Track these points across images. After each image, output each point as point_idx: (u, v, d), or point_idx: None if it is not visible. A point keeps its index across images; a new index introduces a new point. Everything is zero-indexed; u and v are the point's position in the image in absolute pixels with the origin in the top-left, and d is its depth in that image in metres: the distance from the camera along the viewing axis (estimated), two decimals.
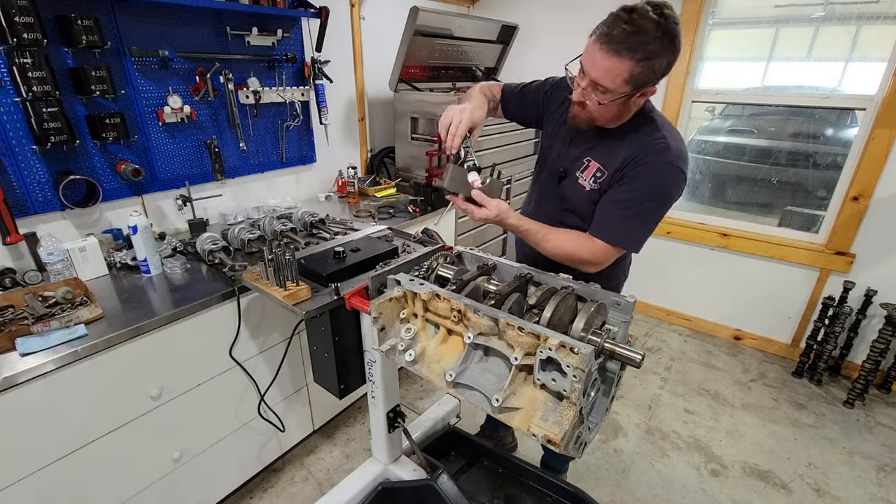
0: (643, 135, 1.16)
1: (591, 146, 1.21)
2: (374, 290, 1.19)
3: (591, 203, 1.21)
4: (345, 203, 2.52)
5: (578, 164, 1.23)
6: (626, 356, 0.89)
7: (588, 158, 1.21)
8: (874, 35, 2.33)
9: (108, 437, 1.34)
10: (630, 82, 1.03)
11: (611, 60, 1.01)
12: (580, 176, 1.22)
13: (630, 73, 1.01)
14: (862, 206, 2.39)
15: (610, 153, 1.18)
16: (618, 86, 1.04)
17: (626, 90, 1.04)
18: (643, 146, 1.14)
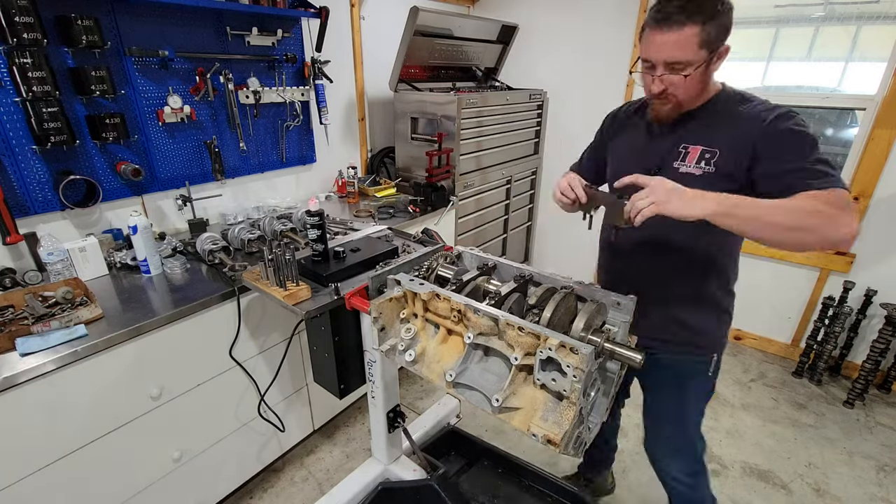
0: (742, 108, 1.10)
1: (682, 134, 1.14)
2: (374, 290, 1.19)
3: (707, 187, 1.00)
4: (345, 203, 2.52)
5: (675, 155, 1.14)
6: (626, 356, 0.89)
7: (684, 146, 1.13)
8: (874, 35, 2.33)
9: (108, 437, 1.34)
10: (704, 45, 1.00)
11: (677, 34, 0.99)
12: (681, 165, 1.12)
13: (701, 38, 0.99)
14: (862, 206, 2.39)
15: (710, 132, 1.10)
16: (693, 54, 1.01)
17: (703, 56, 1.01)
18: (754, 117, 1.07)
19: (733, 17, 1.03)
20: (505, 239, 3.29)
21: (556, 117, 3.27)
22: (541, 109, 3.21)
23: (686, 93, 1.08)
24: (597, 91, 3.04)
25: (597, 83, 3.02)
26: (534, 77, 3.28)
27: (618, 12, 2.82)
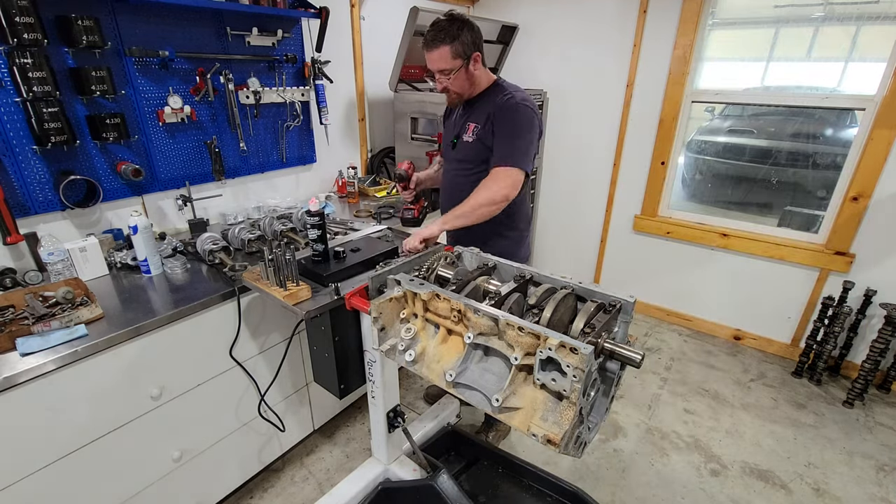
0: (495, 96, 1.62)
1: (467, 115, 1.69)
2: (374, 290, 1.20)
3: (475, 150, 1.66)
4: (345, 203, 2.52)
5: (462, 129, 1.70)
6: (625, 356, 0.89)
7: (466, 123, 1.68)
8: (874, 35, 2.33)
9: (108, 437, 1.34)
10: (456, 56, 1.52)
11: (436, 52, 1.53)
12: (464, 136, 1.68)
13: (451, 52, 1.51)
14: (861, 206, 2.39)
15: (478, 114, 1.65)
16: (451, 64, 1.53)
17: (458, 63, 1.54)
18: (497, 102, 1.59)
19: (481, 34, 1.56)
20: None
21: (556, 117, 3.27)
22: (541, 110, 3.21)
23: (457, 87, 1.61)
24: (597, 91, 3.04)
25: (597, 83, 3.03)
26: (534, 77, 3.28)
27: (617, 12, 2.82)
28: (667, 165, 2.90)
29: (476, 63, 1.58)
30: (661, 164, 2.91)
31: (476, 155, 1.68)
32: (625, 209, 3.16)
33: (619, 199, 3.18)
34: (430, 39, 1.53)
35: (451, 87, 1.61)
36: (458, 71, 1.55)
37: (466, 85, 1.62)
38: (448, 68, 1.55)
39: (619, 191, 3.15)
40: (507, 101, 1.58)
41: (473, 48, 1.54)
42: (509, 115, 1.57)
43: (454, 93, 1.63)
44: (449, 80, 1.58)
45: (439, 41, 1.51)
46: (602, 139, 3.09)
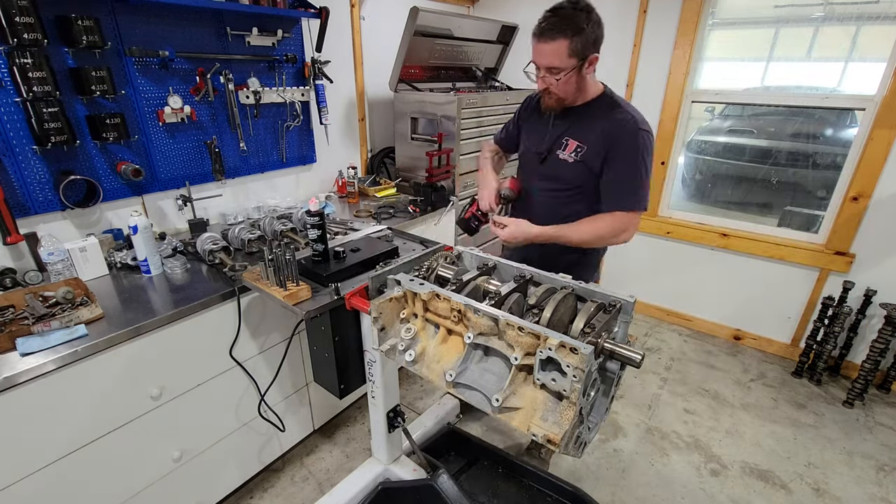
0: (610, 115, 1.40)
1: (567, 128, 1.47)
2: (374, 290, 1.20)
3: (575, 173, 1.47)
4: (345, 203, 2.52)
5: (558, 144, 1.48)
6: (625, 356, 0.89)
7: (566, 138, 1.46)
8: (874, 35, 2.33)
9: (108, 437, 1.34)
10: (573, 55, 1.29)
11: (551, 45, 1.29)
12: (561, 153, 1.48)
13: (569, 48, 1.28)
14: (861, 206, 2.39)
15: (585, 132, 1.43)
16: (565, 62, 1.30)
17: (573, 63, 1.31)
18: (615, 124, 1.38)
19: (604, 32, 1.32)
20: None
21: None
22: None
23: (562, 91, 1.38)
24: None
25: None
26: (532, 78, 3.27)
27: (618, 13, 2.82)
28: (667, 165, 2.90)
29: (591, 67, 1.35)
30: (661, 164, 2.91)
31: (575, 178, 1.47)
32: None
33: None
34: (547, 28, 1.28)
35: (555, 90, 1.38)
36: (571, 73, 1.32)
37: (573, 90, 1.39)
38: (560, 67, 1.31)
39: None
40: (628, 125, 1.36)
41: (594, 48, 1.32)
42: (630, 144, 1.35)
43: (556, 97, 1.40)
44: (557, 82, 1.34)
45: (558, 32, 1.27)
46: None
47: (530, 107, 1.64)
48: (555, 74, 1.33)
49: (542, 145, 1.53)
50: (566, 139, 1.46)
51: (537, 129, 1.58)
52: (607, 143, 1.37)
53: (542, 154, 1.53)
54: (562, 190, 1.51)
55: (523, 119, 1.68)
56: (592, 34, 1.29)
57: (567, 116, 1.47)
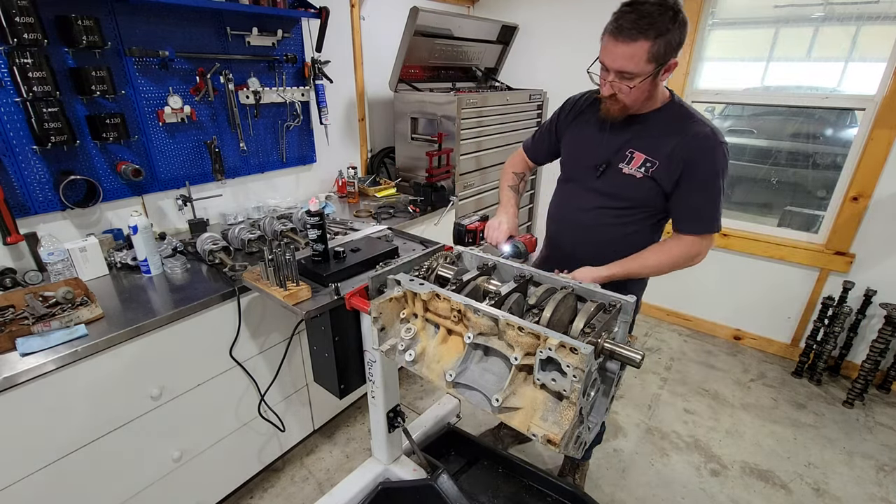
0: (685, 127, 1.23)
1: (630, 138, 1.29)
2: (374, 290, 1.19)
3: (642, 190, 1.29)
4: (345, 203, 2.52)
5: (621, 157, 1.30)
6: (625, 356, 0.89)
7: (631, 150, 1.28)
8: (874, 35, 2.33)
9: (108, 437, 1.34)
10: (652, 60, 1.11)
11: (629, 47, 1.10)
12: (625, 167, 1.29)
13: (649, 52, 1.10)
14: (861, 206, 2.39)
15: (654, 144, 1.25)
16: (642, 67, 1.12)
17: (650, 69, 1.13)
18: (692, 139, 1.21)
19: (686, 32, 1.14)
20: None
21: None
22: (541, 110, 3.22)
23: (632, 99, 1.20)
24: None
25: None
26: (534, 77, 3.28)
27: None
28: None
29: (668, 73, 1.18)
30: None
31: (641, 195, 1.30)
32: None
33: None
34: (626, 27, 1.09)
35: (623, 97, 1.19)
36: (647, 79, 1.14)
37: (643, 98, 1.22)
38: (634, 72, 1.13)
39: None
40: (708, 140, 1.20)
41: (674, 53, 1.14)
42: (710, 162, 1.20)
43: (623, 104, 1.22)
44: (629, 88, 1.16)
45: (639, 33, 1.08)
46: None
47: (574, 111, 1.45)
48: (628, 80, 1.15)
49: (597, 157, 1.34)
50: (631, 151, 1.28)
51: (588, 137, 1.39)
52: (684, 160, 1.21)
53: (598, 167, 1.34)
54: (625, 207, 1.34)
55: (565, 125, 1.47)
56: (677, 37, 1.11)
57: (629, 125, 1.29)
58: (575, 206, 1.43)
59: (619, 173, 1.31)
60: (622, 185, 1.31)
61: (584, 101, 1.45)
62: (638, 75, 1.13)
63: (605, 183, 1.34)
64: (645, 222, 1.35)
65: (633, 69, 1.13)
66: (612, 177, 1.32)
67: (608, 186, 1.34)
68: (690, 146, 1.21)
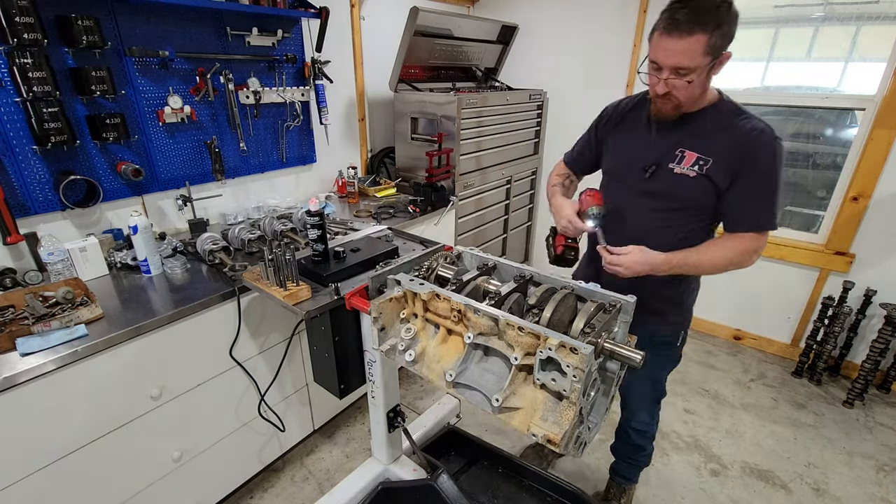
0: (738, 123, 1.21)
1: (680, 138, 1.26)
2: (374, 290, 1.20)
3: (697, 191, 1.25)
4: (345, 203, 2.52)
5: (671, 157, 1.27)
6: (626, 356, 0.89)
7: (681, 150, 1.26)
8: (874, 35, 2.33)
9: (108, 437, 1.34)
10: (709, 53, 1.09)
11: (685, 42, 1.08)
12: (676, 167, 1.26)
13: (707, 45, 1.08)
14: (861, 206, 2.39)
15: (707, 142, 1.23)
16: (698, 61, 1.10)
17: (706, 62, 1.11)
18: (747, 134, 1.19)
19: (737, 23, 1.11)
20: (505, 239, 3.29)
21: (556, 117, 3.27)
22: (541, 110, 3.22)
23: (688, 96, 1.18)
24: (597, 92, 3.04)
25: (597, 84, 3.03)
26: (534, 77, 3.28)
27: (618, 13, 2.82)
28: None
29: (720, 67, 1.16)
30: None
31: (696, 194, 1.25)
32: None
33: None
34: (682, 20, 1.07)
35: (678, 95, 1.17)
36: (701, 73, 1.13)
37: (698, 94, 1.19)
38: (690, 67, 1.10)
39: None
40: (764, 135, 1.18)
41: (729, 43, 1.12)
42: (768, 157, 1.18)
43: (676, 102, 1.19)
44: (686, 84, 1.13)
45: (696, 25, 1.06)
46: None
47: (616, 116, 1.43)
48: (684, 76, 1.12)
49: (646, 158, 1.31)
50: (682, 151, 1.26)
51: (634, 139, 1.36)
52: (740, 155, 1.19)
53: (647, 168, 1.30)
54: (675, 209, 1.29)
55: (606, 131, 1.46)
56: (731, 28, 1.10)
57: (680, 124, 1.26)
58: (625, 211, 1.37)
59: (670, 173, 1.27)
60: (674, 186, 1.27)
61: (626, 105, 1.42)
62: (694, 70, 1.11)
63: (655, 184, 1.30)
64: (697, 224, 1.31)
65: (690, 63, 1.10)
66: (662, 177, 1.28)
67: (659, 187, 1.29)
68: (747, 141, 1.18)
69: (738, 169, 1.20)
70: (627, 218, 1.36)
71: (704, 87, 1.19)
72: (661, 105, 1.22)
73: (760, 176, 1.20)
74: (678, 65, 1.11)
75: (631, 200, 1.35)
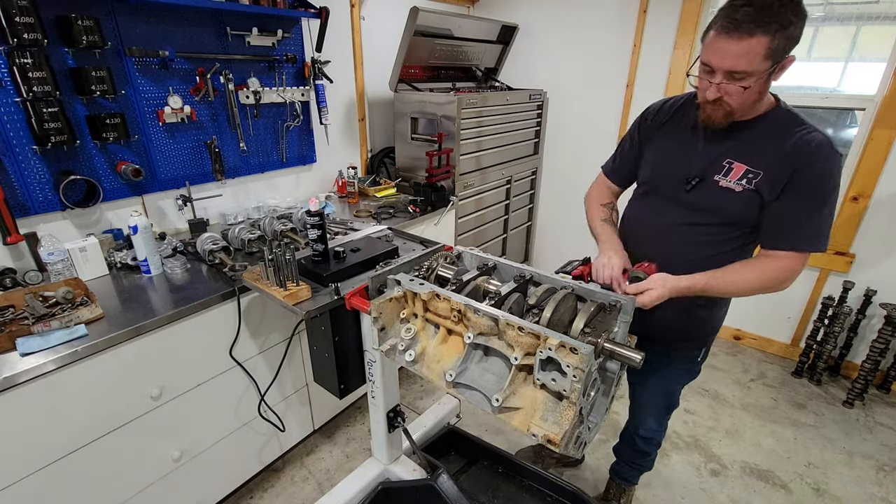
0: (794, 132, 1.10)
1: (729, 147, 1.16)
2: (374, 290, 1.20)
3: (743, 204, 1.15)
4: (345, 203, 2.52)
5: (717, 168, 1.17)
6: (625, 356, 0.89)
7: (729, 161, 1.16)
8: (874, 35, 2.33)
9: (108, 437, 1.34)
10: (770, 56, 1.00)
11: (744, 43, 0.98)
12: (722, 179, 1.16)
13: (768, 48, 0.98)
14: (862, 206, 2.39)
15: (756, 152, 1.13)
16: (757, 65, 1.00)
17: (766, 67, 1.01)
18: (802, 144, 1.08)
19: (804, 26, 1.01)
20: (505, 239, 3.29)
21: (556, 117, 3.27)
22: (541, 110, 3.22)
23: (741, 103, 1.07)
24: (597, 91, 3.04)
25: (597, 83, 3.03)
26: (534, 77, 3.28)
27: (618, 13, 2.82)
28: None
29: (782, 72, 1.05)
30: None
31: (740, 210, 1.15)
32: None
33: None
34: (741, 20, 0.97)
35: (731, 101, 1.06)
36: (759, 79, 1.02)
37: (753, 101, 1.08)
38: (748, 71, 1.00)
39: None
40: (823, 147, 1.06)
41: (794, 47, 1.02)
42: (823, 169, 1.06)
43: (727, 109, 1.09)
44: (742, 90, 1.03)
45: (759, 26, 0.96)
46: (602, 139, 3.09)
47: (658, 119, 1.32)
48: (740, 81, 1.02)
49: (689, 169, 1.20)
50: (729, 162, 1.15)
51: (678, 147, 1.25)
52: (792, 167, 1.08)
53: (690, 180, 1.19)
54: (716, 224, 1.20)
55: (646, 138, 1.35)
56: (798, 28, 0.99)
57: (730, 133, 1.15)
58: (659, 223, 1.28)
59: (714, 186, 1.17)
60: (718, 200, 1.17)
61: (669, 108, 1.31)
62: (752, 74, 1.01)
63: (697, 197, 1.20)
64: (739, 241, 1.21)
65: (747, 67, 1.00)
66: (705, 190, 1.18)
67: (701, 201, 1.19)
68: (801, 153, 1.07)
69: (788, 180, 1.09)
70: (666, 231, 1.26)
71: (762, 94, 1.09)
72: (711, 112, 1.11)
73: (811, 189, 1.08)
74: (733, 68, 1.01)
75: (670, 213, 1.25)
